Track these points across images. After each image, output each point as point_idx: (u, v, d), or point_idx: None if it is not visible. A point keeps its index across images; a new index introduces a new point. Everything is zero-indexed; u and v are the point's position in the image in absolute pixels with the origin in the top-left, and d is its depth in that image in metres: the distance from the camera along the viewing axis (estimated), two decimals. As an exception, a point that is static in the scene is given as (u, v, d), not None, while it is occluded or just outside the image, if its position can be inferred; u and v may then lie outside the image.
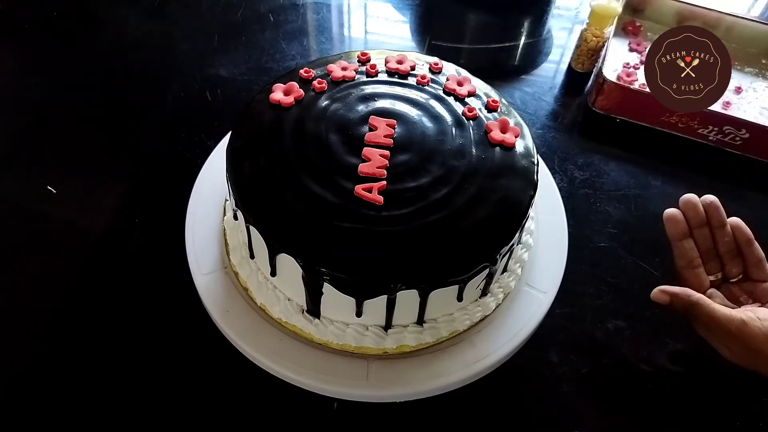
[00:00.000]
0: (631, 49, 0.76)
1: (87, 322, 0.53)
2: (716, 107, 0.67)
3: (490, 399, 0.48)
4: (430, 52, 0.81)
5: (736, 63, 0.75)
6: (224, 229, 0.52)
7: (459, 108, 0.49)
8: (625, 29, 0.79)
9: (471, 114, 0.48)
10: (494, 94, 0.51)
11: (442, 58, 0.54)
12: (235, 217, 0.47)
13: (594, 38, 0.74)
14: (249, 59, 0.78)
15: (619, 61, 0.74)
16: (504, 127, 0.48)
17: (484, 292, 0.47)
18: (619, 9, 0.73)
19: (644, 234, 0.62)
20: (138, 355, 0.51)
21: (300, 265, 0.41)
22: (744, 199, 0.66)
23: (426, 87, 0.51)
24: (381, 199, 0.42)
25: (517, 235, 0.44)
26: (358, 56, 0.53)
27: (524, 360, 0.50)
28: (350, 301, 0.42)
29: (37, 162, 0.65)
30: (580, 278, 0.57)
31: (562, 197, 0.56)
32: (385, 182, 0.43)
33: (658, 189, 0.67)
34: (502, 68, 0.82)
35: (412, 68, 0.52)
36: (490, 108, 0.50)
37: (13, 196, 0.62)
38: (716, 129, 0.68)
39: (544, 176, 0.57)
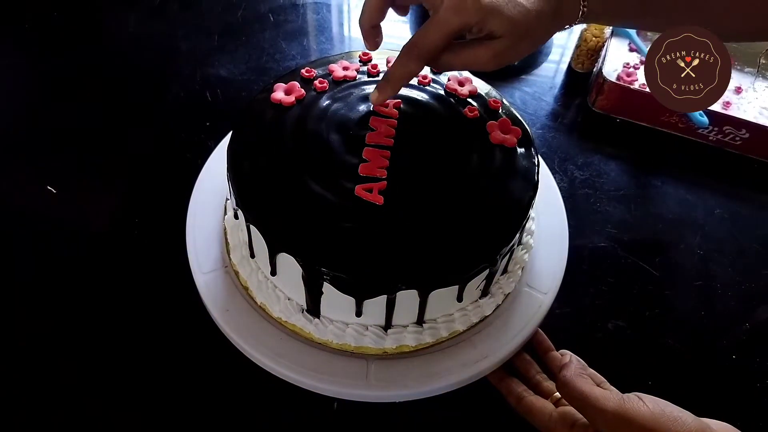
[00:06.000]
0: (631, 49, 0.76)
1: (87, 321, 0.53)
2: (716, 107, 0.67)
3: (490, 399, 0.48)
4: (430, 52, 0.81)
5: (736, 63, 0.75)
6: (225, 229, 0.52)
7: (460, 108, 0.49)
8: (625, 29, 0.79)
9: (472, 114, 0.48)
10: (495, 95, 0.51)
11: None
12: (236, 217, 0.47)
13: (594, 38, 0.74)
14: (249, 59, 0.78)
15: (619, 61, 0.74)
16: (504, 128, 0.48)
17: (484, 293, 0.47)
18: (619, 9, 0.73)
19: (644, 234, 0.62)
20: (138, 354, 0.51)
21: (300, 265, 0.41)
22: (744, 199, 0.66)
23: (427, 87, 0.51)
24: (381, 199, 0.42)
25: (518, 235, 0.44)
26: (359, 56, 0.53)
27: (524, 360, 0.50)
28: (350, 301, 0.42)
29: (37, 162, 0.65)
30: (580, 278, 0.57)
31: (562, 197, 0.56)
32: (385, 182, 0.43)
33: (658, 189, 0.67)
34: (502, 68, 0.82)
35: (413, 68, 0.52)
36: (491, 108, 0.50)
37: (13, 196, 0.62)
38: (716, 129, 0.68)
39: (544, 176, 0.57)
